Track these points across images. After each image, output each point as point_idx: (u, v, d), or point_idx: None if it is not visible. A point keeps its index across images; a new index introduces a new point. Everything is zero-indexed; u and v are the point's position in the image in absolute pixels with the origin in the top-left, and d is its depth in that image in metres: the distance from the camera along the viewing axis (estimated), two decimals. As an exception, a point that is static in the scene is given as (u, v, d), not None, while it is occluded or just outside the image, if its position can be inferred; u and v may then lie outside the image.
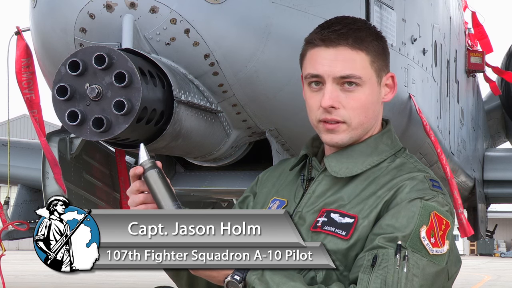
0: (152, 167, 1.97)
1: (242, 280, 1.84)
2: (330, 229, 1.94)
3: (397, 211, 1.90)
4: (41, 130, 5.05)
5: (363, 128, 2.03)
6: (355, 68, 1.98)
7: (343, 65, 1.97)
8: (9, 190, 6.74)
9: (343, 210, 1.95)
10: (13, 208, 8.51)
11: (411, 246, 1.86)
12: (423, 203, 1.90)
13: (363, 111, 2.00)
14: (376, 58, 2.02)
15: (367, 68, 2.00)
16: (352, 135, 2.02)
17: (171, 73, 3.54)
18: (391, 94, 2.08)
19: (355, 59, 1.98)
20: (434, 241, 1.88)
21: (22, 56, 4.97)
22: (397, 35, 5.03)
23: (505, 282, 22.39)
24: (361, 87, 1.99)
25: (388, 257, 1.85)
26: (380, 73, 2.04)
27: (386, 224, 1.89)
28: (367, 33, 2.02)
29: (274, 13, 3.83)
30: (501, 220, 37.74)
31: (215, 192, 5.49)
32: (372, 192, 1.96)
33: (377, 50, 2.02)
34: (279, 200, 2.12)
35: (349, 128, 2.00)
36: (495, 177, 10.47)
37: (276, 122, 4.20)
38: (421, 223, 1.88)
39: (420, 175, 1.97)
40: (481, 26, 9.76)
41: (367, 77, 2.00)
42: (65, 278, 20.08)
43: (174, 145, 3.75)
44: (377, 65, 2.02)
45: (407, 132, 5.39)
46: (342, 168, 2.00)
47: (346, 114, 1.99)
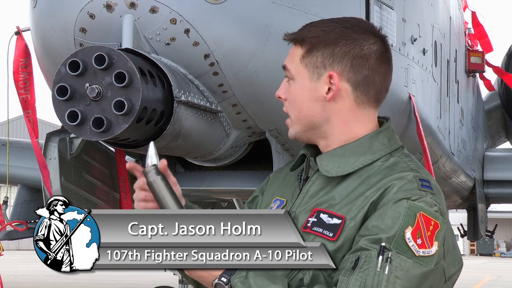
0: (156, 173, 1.98)
1: (228, 282, 1.83)
2: (318, 230, 1.91)
3: (383, 212, 1.87)
4: (34, 131, 5.06)
5: (302, 124, 2.04)
6: (290, 60, 2.04)
7: (287, 58, 2.06)
8: (8, 190, 6.74)
9: (332, 211, 1.93)
10: (13, 208, 8.51)
11: (396, 247, 1.82)
12: (409, 204, 1.86)
13: (296, 105, 2.04)
14: (310, 53, 2.00)
15: (296, 62, 2.03)
16: (296, 130, 2.06)
17: (171, 73, 3.54)
18: (331, 94, 2.01)
19: (293, 53, 2.04)
20: (421, 242, 1.84)
21: (20, 56, 4.98)
22: (397, 35, 5.03)
23: (505, 282, 22.39)
24: (293, 80, 2.04)
25: (370, 259, 1.81)
26: (317, 70, 2.00)
27: (371, 225, 1.86)
28: (318, 31, 2.01)
29: (274, 13, 3.82)
30: (501, 220, 37.73)
31: (215, 192, 5.49)
32: (361, 192, 1.93)
33: (317, 46, 2.00)
34: (280, 200, 2.11)
35: (291, 122, 2.07)
36: (495, 177, 10.46)
37: (276, 122, 4.19)
38: (406, 224, 1.84)
39: (410, 175, 1.93)
40: (481, 26, 9.76)
41: (295, 71, 2.03)
42: (65, 278, 20.07)
43: (174, 145, 3.75)
44: (308, 60, 2.01)
45: (407, 132, 5.39)
46: (333, 167, 1.98)
47: (288, 106, 2.07)
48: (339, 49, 1.99)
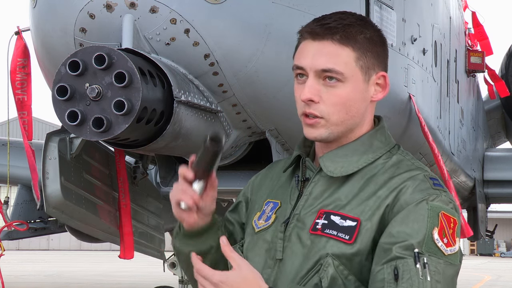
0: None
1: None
2: (332, 232, 1.90)
3: (405, 216, 1.87)
4: (28, 133, 5.05)
5: (344, 125, 1.98)
6: (338, 63, 1.94)
7: (326, 59, 1.93)
8: (9, 190, 6.74)
9: (344, 212, 1.92)
10: (13, 208, 8.50)
11: (427, 250, 1.84)
12: (430, 205, 1.87)
13: (344, 107, 1.96)
14: (363, 55, 1.97)
15: (351, 64, 1.96)
16: (332, 131, 1.97)
17: (171, 73, 3.54)
18: (382, 94, 2.03)
19: (339, 54, 1.94)
20: (447, 241, 1.86)
21: (19, 56, 4.98)
22: (397, 35, 5.03)
23: (505, 282, 22.39)
24: (343, 83, 1.95)
25: (409, 268, 1.81)
26: (368, 71, 1.99)
27: (396, 232, 1.86)
28: (359, 29, 1.98)
29: (274, 13, 3.82)
30: (501, 220, 37.71)
31: (215, 192, 5.48)
32: (372, 192, 1.93)
33: (367, 47, 1.98)
34: (273, 202, 2.09)
35: (328, 123, 1.96)
36: (495, 177, 10.47)
37: (276, 122, 4.19)
38: (432, 225, 1.85)
39: (420, 175, 1.94)
40: (481, 26, 9.76)
41: (350, 73, 1.95)
42: (65, 278, 20.06)
43: (174, 145, 3.75)
44: (364, 62, 1.98)
45: (407, 132, 5.39)
46: (337, 167, 1.98)
47: (325, 109, 1.95)
48: (380, 49, 2.01)
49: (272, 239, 2.01)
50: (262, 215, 2.09)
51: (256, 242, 2.05)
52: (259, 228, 2.06)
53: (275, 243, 2.00)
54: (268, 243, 2.02)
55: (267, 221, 2.06)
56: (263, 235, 2.04)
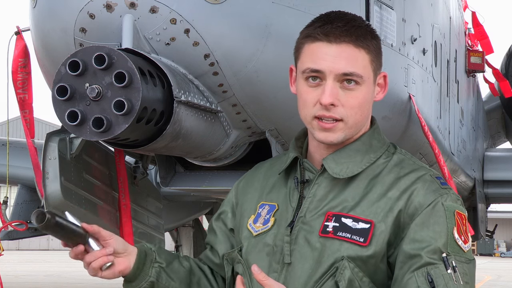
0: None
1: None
2: (345, 235, 1.90)
3: (425, 220, 1.89)
4: (30, 132, 5.06)
5: (357, 127, 2.00)
6: (357, 66, 1.94)
7: (346, 62, 1.93)
8: (8, 190, 6.74)
9: (354, 214, 1.92)
10: (13, 208, 8.51)
11: (451, 250, 1.87)
12: (445, 205, 1.90)
13: (360, 110, 1.97)
14: (375, 57, 2.00)
15: (368, 67, 1.97)
16: (347, 133, 1.98)
17: (171, 73, 3.54)
18: (382, 94, 2.06)
19: (357, 57, 1.95)
20: (464, 238, 1.91)
21: (19, 56, 4.98)
22: (397, 35, 5.03)
23: (505, 282, 22.39)
24: (360, 85, 1.95)
25: (441, 274, 1.84)
26: (376, 73, 2.02)
27: (420, 236, 1.87)
28: (366, 31, 1.99)
29: (274, 13, 3.82)
30: (501, 220, 37.70)
31: (215, 192, 5.48)
32: (381, 193, 1.93)
33: (376, 49, 2.00)
34: (268, 204, 2.06)
35: (346, 126, 1.96)
36: (495, 177, 10.47)
37: (276, 122, 4.19)
38: (452, 226, 1.89)
39: (427, 175, 1.97)
40: (481, 26, 9.76)
41: (367, 76, 1.97)
42: (65, 278, 20.06)
43: (174, 145, 3.74)
44: (375, 64, 2.00)
45: (407, 132, 5.38)
46: (342, 168, 1.97)
47: (344, 112, 1.95)
48: (380, 49, 2.04)
49: (274, 242, 1.99)
50: (258, 218, 2.06)
51: (255, 245, 2.03)
52: (257, 232, 2.04)
53: (280, 246, 1.98)
54: (269, 246, 2.00)
55: (265, 224, 2.04)
56: (263, 238, 2.02)
